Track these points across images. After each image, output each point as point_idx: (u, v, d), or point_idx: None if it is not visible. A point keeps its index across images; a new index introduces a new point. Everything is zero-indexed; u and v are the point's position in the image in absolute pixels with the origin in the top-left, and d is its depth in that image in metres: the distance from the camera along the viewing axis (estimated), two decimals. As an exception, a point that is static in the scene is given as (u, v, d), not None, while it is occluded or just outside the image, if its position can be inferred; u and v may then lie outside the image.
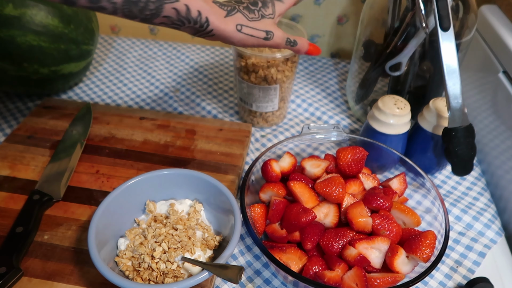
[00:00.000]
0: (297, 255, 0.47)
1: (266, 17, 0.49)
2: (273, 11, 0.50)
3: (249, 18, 0.48)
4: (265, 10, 0.49)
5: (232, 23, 0.46)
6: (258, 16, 0.49)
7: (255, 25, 0.48)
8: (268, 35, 0.49)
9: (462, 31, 0.62)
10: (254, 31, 0.48)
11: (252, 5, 0.49)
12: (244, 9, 0.48)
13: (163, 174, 0.54)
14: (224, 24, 0.46)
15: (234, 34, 0.47)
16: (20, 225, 0.51)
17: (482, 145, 0.69)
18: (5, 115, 0.74)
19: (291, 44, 0.52)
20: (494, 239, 0.57)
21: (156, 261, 0.46)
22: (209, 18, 0.44)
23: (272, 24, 0.50)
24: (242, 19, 0.47)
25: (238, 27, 0.47)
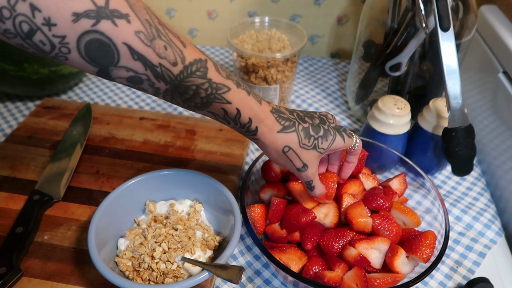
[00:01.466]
0: (297, 255, 0.47)
1: (316, 149, 0.43)
2: (328, 147, 0.44)
3: (301, 144, 0.42)
4: (321, 141, 0.43)
5: (282, 141, 0.41)
6: (311, 145, 0.43)
7: (301, 153, 0.43)
8: (303, 168, 0.44)
9: (462, 31, 0.62)
10: (296, 158, 0.43)
11: (313, 130, 0.43)
12: (302, 131, 0.42)
13: (163, 174, 0.54)
14: (273, 139, 0.41)
15: (277, 153, 0.42)
16: (20, 225, 0.51)
17: (482, 146, 0.69)
18: (5, 115, 0.74)
19: (309, 187, 0.47)
20: (494, 239, 0.57)
21: (156, 261, 0.46)
22: (259, 128, 0.40)
23: (315, 158, 0.44)
24: (294, 143, 0.42)
25: (286, 149, 0.42)
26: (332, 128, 0.45)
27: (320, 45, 0.95)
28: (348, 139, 0.46)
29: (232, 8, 0.90)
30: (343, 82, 0.87)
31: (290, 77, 0.67)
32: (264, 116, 0.40)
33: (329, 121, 0.46)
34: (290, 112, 0.43)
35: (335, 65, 0.92)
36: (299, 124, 0.42)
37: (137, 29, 0.30)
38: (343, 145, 0.46)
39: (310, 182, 0.46)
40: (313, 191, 0.47)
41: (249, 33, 0.68)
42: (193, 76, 0.34)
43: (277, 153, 0.42)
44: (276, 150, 0.42)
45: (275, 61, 0.63)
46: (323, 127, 0.44)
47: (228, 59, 0.93)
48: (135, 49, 0.30)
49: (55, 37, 0.28)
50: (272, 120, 0.40)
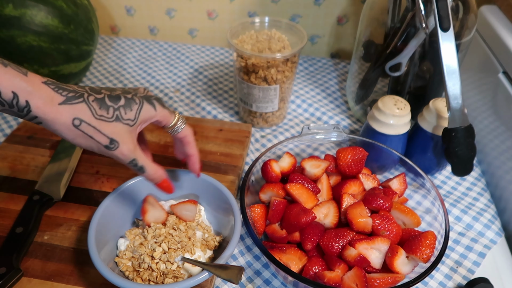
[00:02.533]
0: (297, 255, 0.47)
1: (122, 121, 0.39)
2: (136, 117, 0.40)
3: (97, 115, 0.37)
4: (125, 111, 0.39)
5: (68, 114, 0.36)
6: (112, 116, 0.38)
7: (100, 126, 0.37)
8: (112, 145, 0.39)
9: (462, 31, 0.62)
10: (96, 133, 0.37)
11: (110, 100, 0.38)
12: (94, 101, 0.37)
13: (163, 174, 0.54)
14: (54, 112, 0.35)
15: (67, 128, 0.36)
16: (20, 225, 0.51)
17: (482, 146, 0.69)
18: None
19: (137, 169, 0.42)
20: (494, 240, 0.57)
21: (156, 261, 0.46)
22: (30, 102, 0.34)
23: (126, 133, 0.39)
24: (85, 113, 0.36)
25: (76, 121, 0.36)
26: (139, 97, 0.40)
27: (320, 45, 0.95)
28: (161, 109, 0.41)
29: (232, 8, 0.90)
30: (343, 82, 0.87)
31: (290, 77, 0.67)
32: (33, 87, 0.34)
33: (136, 92, 0.41)
34: (78, 87, 0.38)
35: (335, 65, 0.92)
36: (90, 95, 0.37)
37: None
38: (155, 114, 0.41)
39: (135, 163, 0.41)
40: (146, 174, 0.43)
41: (249, 33, 0.68)
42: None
43: (69, 130, 0.37)
44: (65, 126, 0.36)
45: (275, 61, 0.63)
46: (125, 96, 0.39)
47: (228, 59, 0.93)
48: None
49: None
50: (47, 92, 0.35)
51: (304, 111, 0.78)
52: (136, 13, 0.95)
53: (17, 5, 0.63)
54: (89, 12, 0.75)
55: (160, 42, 0.97)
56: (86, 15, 0.73)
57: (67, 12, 0.68)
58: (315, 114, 0.78)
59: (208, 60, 0.92)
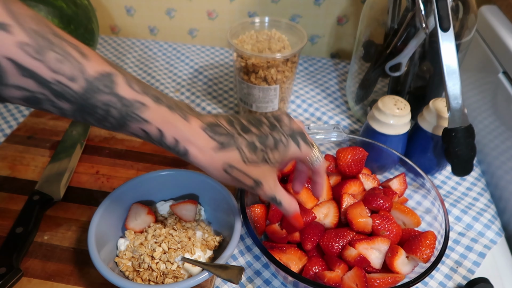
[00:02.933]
0: (297, 255, 0.47)
1: (268, 163, 0.38)
2: (281, 159, 0.39)
3: (246, 161, 0.37)
4: (272, 153, 0.38)
5: (221, 161, 0.36)
6: (260, 161, 0.37)
7: (248, 170, 0.37)
8: (256, 186, 0.39)
9: (462, 31, 0.62)
10: (244, 176, 0.37)
11: (259, 141, 0.37)
12: (246, 147, 0.36)
13: (163, 174, 0.54)
14: (209, 160, 0.35)
15: (219, 173, 0.37)
16: (20, 225, 0.51)
17: (482, 146, 0.69)
18: (5, 115, 0.74)
19: (277, 203, 0.42)
20: (494, 240, 0.57)
21: (156, 261, 0.46)
22: (189, 150, 0.35)
23: (269, 172, 0.39)
24: (236, 160, 0.36)
25: (228, 168, 0.36)
26: (285, 135, 0.39)
27: (320, 45, 0.95)
28: (304, 147, 0.41)
29: (232, 8, 0.90)
30: (343, 83, 0.87)
31: (290, 77, 0.67)
32: (192, 135, 0.34)
33: (282, 127, 0.40)
34: (229, 123, 0.37)
35: (335, 65, 0.92)
36: (241, 137, 0.36)
37: (21, 41, 0.26)
38: (300, 154, 0.40)
39: (274, 198, 0.41)
40: (282, 207, 0.42)
41: (249, 33, 0.68)
42: (97, 92, 0.29)
43: (220, 174, 0.37)
44: (217, 171, 0.36)
45: (275, 61, 0.63)
46: (272, 135, 0.38)
47: (228, 59, 0.93)
48: (21, 64, 0.26)
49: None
50: (204, 139, 0.35)
51: (304, 111, 0.78)
52: (136, 13, 0.95)
53: (17, 5, 0.63)
54: (89, 12, 0.75)
55: (160, 42, 0.97)
56: (86, 15, 0.73)
57: (67, 12, 0.68)
58: (315, 114, 0.78)
59: (208, 60, 0.92)
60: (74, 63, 0.28)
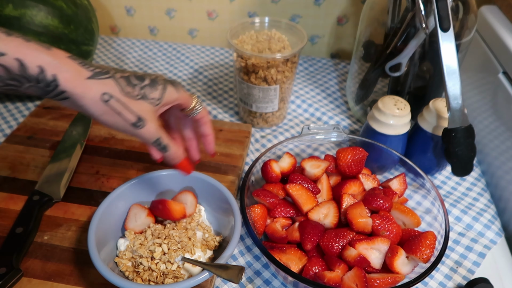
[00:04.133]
0: (297, 255, 0.47)
1: (147, 100, 0.39)
2: (160, 97, 0.40)
3: (124, 92, 0.37)
4: (150, 91, 0.39)
5: (97, 89, 0.35)
6: (138, 95, 0.38)
7: (128, 102, 0.37)
8: (139, 123, 0.38)
9: (462, 31, 0.62)
10: (124, 109, 0.37)
11: (136, 78, 0.38)
12: (121, 78, 0.37)
13: (163, 174, 0.54)
14: (83, 87, 0.34)
15: (96, 103, 0.36)
16: (20, 225, 0.51)
17: (482, 146, 0.69)
18: (5, 115, 0.74)
19: (160, 148, 0.42)
20: (494, 240, 0.57)
21: (156, 261, 0.46)
22: (58, 76, 0.33)
23: (151, 112, 0.39)
24: (113, 89, 0.36)
25: (105, 96, 0.36)
26: (162, 79, 0.41)
27: (320, 46, 0.95)
28: (182, 91, 0.42)
29: (232, 9, 0.90)
30: (343, 83, 0.87)
31: (290, 77, 0.67)
32: (59, 62, 0.33)
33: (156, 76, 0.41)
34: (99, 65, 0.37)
35: (335, 66, 0.92)
36: (117, 72, 0.37)
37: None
38: (178, 96, 0.42)
39: (159, 141, 0.41)
40: (168, 153, 0.42)
41: (249, 33, 0.68)
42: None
43: (98, 105, 0.36)
44: (94, 101, 0.35)
45: (275, 62, 0.63)
46: (149, 77, 0.39)
47: (228, 59, 0.93)
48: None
49: None
50: (74, 66, 0.34)
51: (304, 111, 0.78)
52: (136, 13, 0.95)
53: (17, 5, 0.63)
54: (89, 12, 0.75)
55: (160, 42, 0.97)
56: (86, 15, 0.73)
57: (67, 12, 0.68)
58: (315, 114, 0.78)
59: (208, 60, 0.92)
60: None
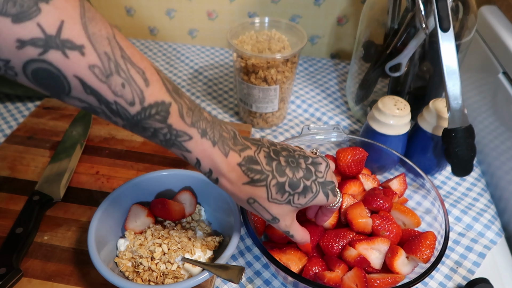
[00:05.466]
0: (297, 255, 0.47)
1: (291, 205, 0.39)
2: (305, 203, 0.40)
3: (271, 199, 0.38)
4: (298, 197, 0.39)
5: (247, 194, 0.38)
6: (284, 200, 0.38)
7: (270, 207, 0.39)
8: (273, 221, 0.40)
9: (462, 32, 0.62)
10: (263, 211, 0.39)
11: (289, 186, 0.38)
12: (274, 186, 0.37)
13: (163, 175, 0.54)
14: (236, 190, 0.38)
15: (240, 202, 0.39)
16: (20, 225, 0.51)
17: (482, 146, 0.69)
18: (5, 116, 0.74)
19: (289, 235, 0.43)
20: (494, 240, 0.57)
21: (156, 262, 0.46)
22: (219, 180, 0.37)
23: (288, 211, 0.40)
24: (261, 197, 0.38)
25: (251, 200, 0.38)
26: (317, 184, 0.40)
27: (320, 46, 0.95)
28: (332, 198, 0.41)
29: (232, 9, 0.90)
30: (343, 83, 0.87)
31: (290, 77, 0.67)
32: (227, 170, 0.36)
33: (317, 175, 0.40)
34: (268, 161, 0.38)
35: (335, 66, 0.92)
36: (274, 178, 0.37)
37: (91, 63, 0.27)
38: (324, 204, 0.42)
39: (288, 232, 0.42)
40: (294, 239, 0.44)
41: (249, 33, 0.68)
42: (151, 119, 0.31)
43: (241, 202, 0.39)
44: (240, 200, 0.39)
45: (275, 62, 0.63)
46: (304, 182, 0.39)
47: (228, 59, 0.93)
48: (88, 84, 0.27)
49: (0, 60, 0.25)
50: (237, 174, 0.37)
51: (304, 112, 0.78)
52: (136, 13, 0.95)
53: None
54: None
55: (160, 43, 0.97)
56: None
57: (67, 12, 0.68)
58: (315, 114, 0.78)
59: (208, 60, 0.92)
60: (135, 89, 0.30)
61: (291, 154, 0.40)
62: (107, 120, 0.32)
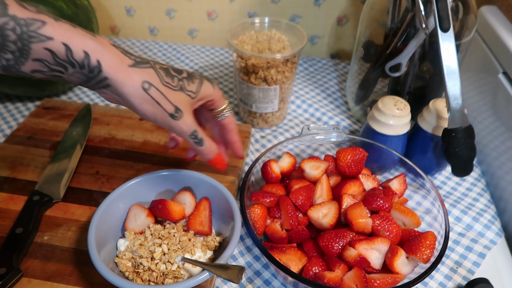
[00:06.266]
0: (297, 256, 0.47)
1: (185, 92, 0.39)
2: (197, 91, 0.40)
3: (164, 82, 0.37)
4: (188, 83, 0.39)
5: (138, 77, 0.36)
6: (176, 86, 0.38)
7: (167, 93, 0.37)
8: (177, 114, 0.39)
9: (462, 32, 0.62)
10: (163, 99, 0.37)
11: (174, 71, 0.39)
12: (161, 69, 0.38)
13: (163, 175, 0.54)
14: (125, 74, 0.35)
15: (136, 91, 0.36)
16: (20, 226, 0.51)
17: (482, 146, 0.69)
18: (5, 116, 0.74)
19: (196, 141, 0.42)
20: (494, 240, 0.57)
21: (156, 262, 0.46)
22: (101, 62, 0.34)
23: (188, 104, 0.40)
24: (153, 78, 0.37)
25: (146, 85, 0.36)
26: (198, 74, 0.41)
27: (320, 46, 0.95)
28: (217, 89, 0.43)
29: (232, 9, 0.90)
30: (343, 83, 0.87)
31: (290, 77, 0.67)
32: (103, 48, 0.34)
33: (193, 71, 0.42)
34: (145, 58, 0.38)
35: (335, 66, 0.92)
36: (155, 63, 0.37)
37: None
38: (213, 92, 0.42)
39: (195, 134, 0.41)
40: (203, 146, 0.42)
41: (249, 33, 0.68)
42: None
43: (138, 93, 0.36)
44: (134, 88, 0.36)
45: (275, 62, 0.63)
46: (186, 71, 0.40)
47: (228, 59, 0.93)
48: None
49: None
50: (117, 53, 0.35)
51: (304, 112, 0.78)
52: (136, 14, 0.95)
53: (17, 5, 0.63)
54: (89, 12, 0.75)
55: (160, 43, 0.97)
56: (86, 15, 0.73)
57: (67, 12, 0.68)
58: (315, 114, 0.78)
59: (208, 60, 0.92)
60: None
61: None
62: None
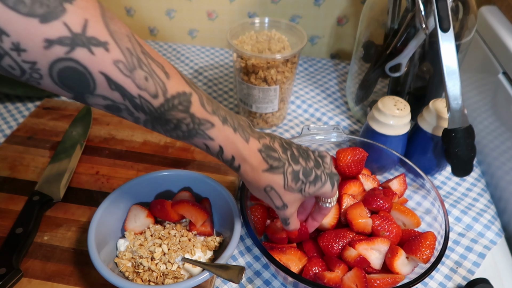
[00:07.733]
0: (297, 256, 0.47)
1: (301, 193, 0.41)
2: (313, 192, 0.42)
3: (286, 187, 0.40)
4: (309, 186, 0.41)
5: (265, 181, 0.39)
6: (297, 189, 0.40)
7: (284, 195, 0.40)
8: (282, 208, 0.42)
9: (462, 32, 0.62)
10: (277, 199, 0.41)
11: (303, 174, 0.40)
12: (290, 174, 0.39)
13: (163, 175, 0.54)
14: (256, 178, 0.39)
15: (257, 190, 0.41)
16: (20, 226, 0.51)
17: (482, 146, 0.69)
18: (5, 116, 0.74)
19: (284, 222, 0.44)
20: (494, 240, 0.57)
21: (156, 262, 0.46)
22: (241, 167, 0.38)
23: (297, 200, 0.42)
24: (278, 184, 0.39)
25: (268, 188, 0.40)
26: (325, 174, 0.42)
27: (320, 46, 0.95)
28: (335, 189, 0.44)
29: (232, 9, 0.90)
30: (343, 83, 0.87)
31: (290, 78, 0.67)
32: (249, 155, 0.38)
33: (324, 166, 0.43)
34: (283, 150, 0.40)
35: (335, 66, 0.92)
36: (290, 166, 0.40)
37: (116, 58, 0.28)
38: (330, 194, 0.44)
39: (287, 220, 0.44)
40: (286, 227, 0.45)
41: (249, 33, 0.68)
42: (174, 110, 0.32)
43: (258, 190, 0.41)
44: (258, 189, 0.40)
45: (275, 62, 0.63)
46: (315, 171, 0.41)
47: (228, 60, 0.93)
48: (113, 79, 0.28)
49: (25, 63, 0.26)
50: (258, 160, 0.38)
51: (304, 112, 0.78)
52: (136, 14, 0.95)
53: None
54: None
55: (160, 43, 0.97)
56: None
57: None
58: (315, 114, 0.78)
59: (208, 60, 0.92)
60: (158, 82, 0.31)
61: (300, 146, 0.43)
62: (128, 118, 0.33)
